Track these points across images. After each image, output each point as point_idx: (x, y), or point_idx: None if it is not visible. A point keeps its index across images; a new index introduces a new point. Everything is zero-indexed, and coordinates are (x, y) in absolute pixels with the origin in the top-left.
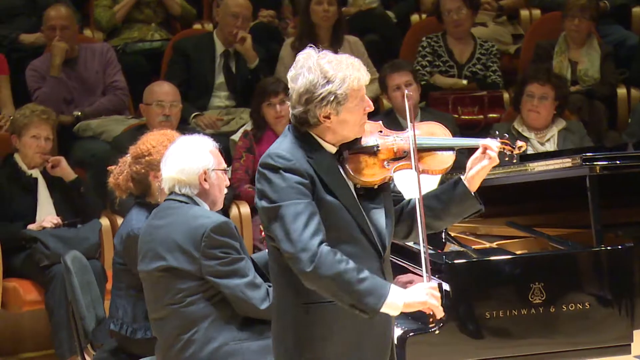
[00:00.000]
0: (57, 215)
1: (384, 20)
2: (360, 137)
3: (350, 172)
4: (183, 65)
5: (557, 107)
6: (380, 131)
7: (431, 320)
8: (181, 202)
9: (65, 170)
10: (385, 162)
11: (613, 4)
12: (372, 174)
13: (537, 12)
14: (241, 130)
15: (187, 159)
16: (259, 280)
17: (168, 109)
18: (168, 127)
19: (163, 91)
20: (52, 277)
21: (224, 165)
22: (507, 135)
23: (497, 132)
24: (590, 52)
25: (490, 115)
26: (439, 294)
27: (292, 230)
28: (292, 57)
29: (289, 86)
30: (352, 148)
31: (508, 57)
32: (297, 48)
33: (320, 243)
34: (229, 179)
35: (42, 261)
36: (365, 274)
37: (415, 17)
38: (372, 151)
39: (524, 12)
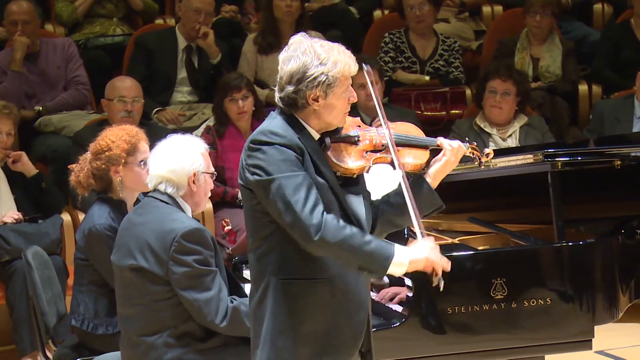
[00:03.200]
0: (18, 210)
1: (346, 15)
2: (341, 128)
3: (332, 159)
4: (145, 60)
5: (519, 103)
6: (359, 125)
7: (435, 275)
8: (162, 201)
9: (27, 166)
10: (364, 153)
11: (574, 1)
12: (352, 162)
13: (499, 9)
14: (203, 126)
15: (178, 159)
16: (223, 294)
17: (130, 104)
18: (130, 123)
19: (125, 86)
20: (13, 272)
21: (212, 169)
22: (476, 143)
23: (467, 138)
24: (552, 49)
25: (453, 111)
26: (438, 247)
27: (294, 202)
28: (254, 53)
29: (279, 67)
30: (334, 137)
31: (470, 53)
32: (260, 43)
33: (323, 212)
34: None
35: (3, 256)
36: (370, 237)
37: (377, 13)
38: (353, 141)
39: (486, 9)
